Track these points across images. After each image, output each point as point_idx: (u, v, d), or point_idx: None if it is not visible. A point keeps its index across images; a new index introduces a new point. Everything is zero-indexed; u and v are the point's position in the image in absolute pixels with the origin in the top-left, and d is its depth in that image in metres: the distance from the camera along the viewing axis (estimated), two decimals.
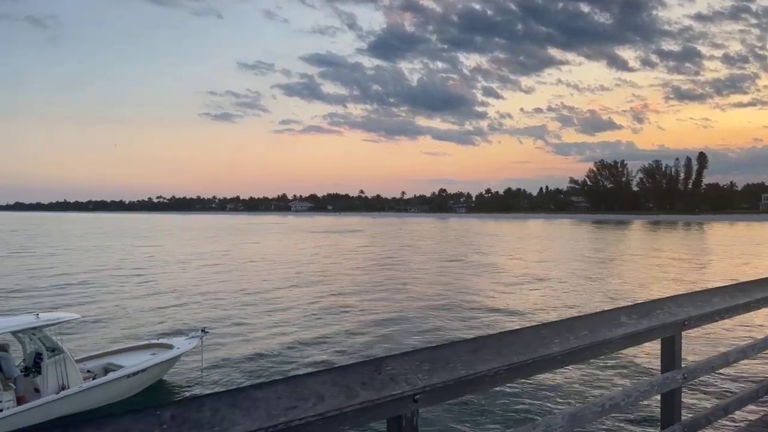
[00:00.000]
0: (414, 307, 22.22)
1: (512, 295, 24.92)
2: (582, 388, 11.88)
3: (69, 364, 11.00)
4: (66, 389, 10.78)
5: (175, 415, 1.21)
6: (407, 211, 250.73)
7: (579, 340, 2.13)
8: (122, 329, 18.52)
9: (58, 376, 10.82)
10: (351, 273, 34.30)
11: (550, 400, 11.19)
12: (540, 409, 10.80)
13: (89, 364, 12.31)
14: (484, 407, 10.76)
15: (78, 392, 10.81)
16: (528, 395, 11.37)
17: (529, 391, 11.53)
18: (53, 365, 10.83)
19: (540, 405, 10.97)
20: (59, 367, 10.87)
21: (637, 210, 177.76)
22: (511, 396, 11.20)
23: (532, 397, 11.29)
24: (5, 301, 24.12)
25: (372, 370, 1.58)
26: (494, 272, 33.84)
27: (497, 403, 10.93)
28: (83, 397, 10.88)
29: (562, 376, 12.26)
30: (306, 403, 1.38)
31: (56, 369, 10.84)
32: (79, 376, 11.20)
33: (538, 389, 11.64)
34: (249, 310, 21.74)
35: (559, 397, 11.34)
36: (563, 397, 11.41)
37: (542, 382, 11.81)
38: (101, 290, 27.15)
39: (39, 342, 10.98)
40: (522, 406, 10.92)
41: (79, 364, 11.86)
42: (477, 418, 10.48)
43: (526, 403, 11.06)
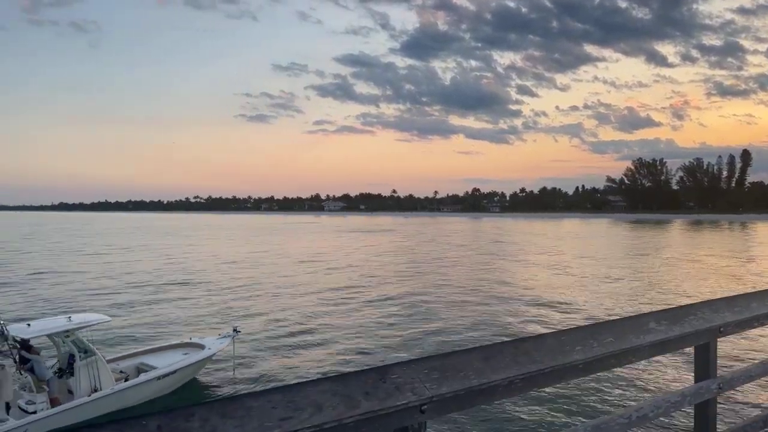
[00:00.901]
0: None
1: (566, 295, 24.49)
2: (607, 398, 11.48)
3: (101, 366, 11.16)
4: (98, 391, 10.93)
5: (162, 426, 1.15)
6: (440, 211, 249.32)
7: (603, 347, 2.01)
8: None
9: (90, 377, 10.98)
10: (404, 273, 34.26)
11: (571, 411, 10.80)
12: (561, 420, 10.45)
13: (122, 364, 12.48)
14: (499, 418, 10.44)
15: (109, 394, 10.94)
16: (548, 405, 11.00)
17: (549, 400, 11.16)
18: (85, 367, 10.99)
19: (561, 416, 10.60)
20: (91, 369, 11.03)
21: (677, 209, 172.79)
22: (529, 406, 10.84)
23: (552, 408, 10.91)
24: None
25: (376, 378, 1.50)
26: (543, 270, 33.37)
27: (513, 414, 10.59)
28: (114, 398, 11.00)
29: (586, 385, 11.85)
30: (302, 413, 1.30)
31: (88, 371, 11.00)
32: (111, 377, 11.35)
33: (559, 399, 11.26)
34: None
35: (582, 408, 10.95)
36: (586, 407, 11.00)
37: (563, 391, 11.44)
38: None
39: (71, 344, 11.14)
40: (541, 416, 10.56)
41: (112, 364, 12.05)
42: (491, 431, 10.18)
43: (546, 413, 10.69)
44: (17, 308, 22.23)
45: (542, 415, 10.61)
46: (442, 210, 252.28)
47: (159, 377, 11.78)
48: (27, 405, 10.45)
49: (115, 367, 12.08)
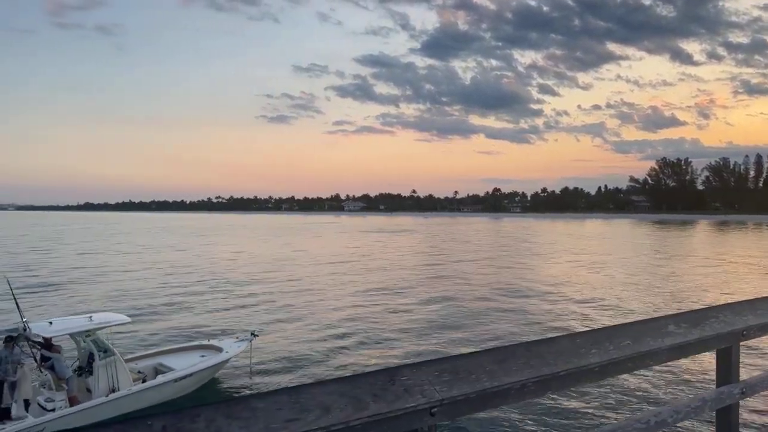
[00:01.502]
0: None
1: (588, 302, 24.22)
2: (624, 402, 11.26)
3: (119, 366, 11.26)
4: (116, 391, 11.03)
5: (167, 426, 1.14)
6: (460, 211, 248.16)
7: (620, 350, 1.96)
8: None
9: (108, 377, 11.09)
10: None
11: (588, 415, 10.64)
12: (577, 424, 10.30)
13: (140, 364, 12.59)
14: (512, 422, 10.33)
15: (126, 395, 11.03)
16: (563, 409, 10.86)
17: (564, 404, 11.02)
18: (104, 367, 11.10)
19: (577, 420, 10.44)
20: (110, 369, 11.14)
21: (702, 210, 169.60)
22: (543, 410, 10.70)
23: (568, 412, 10.77)
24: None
25: (385, 380, 1.47)
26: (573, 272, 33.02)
27: (527, 418, 10.46)
28: (132, 399, 11.08)
29: (602, 388, 11.65)
30: (309, 415, 1.28)
31: (107, 370, 11.11)
32: (129, 377, 11.44)
33: (574, 402, 11.11)
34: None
35: (599, 412, 10.77)
36: (602, 411, 10.82)
37: (579, 394, 11.27)
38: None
39: (91, 343, 11.28)
40: (556, 420, 10.43)
41: (131, 364, 12.16)
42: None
43: (561, 417, 10.55)
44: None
45: (557, 419, 10.48)
46: (462, 210, 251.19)
47: (176, 379, 11.86)
48: (46, 402, 10.61)
49: (134, 367, 12.19)
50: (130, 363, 12.10)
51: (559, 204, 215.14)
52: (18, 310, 11.40)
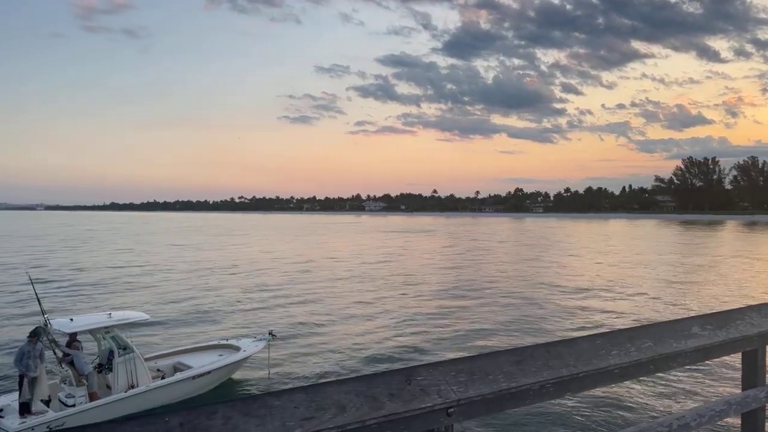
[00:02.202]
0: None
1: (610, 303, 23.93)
2: (645, 405, 11.05)
3: (138, 363, 11.37)
4: (135, 387, 11.16)
5: (184, 423, 1.16)
6: (481, 211, 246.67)
7: (641, 352, 1.93)
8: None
9: (128, 374, 11.21)
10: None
11: (608, 418, 10.47)
12: (597, 427, 10.15)
13: (160, 363, 12.71)
14: (532, 423, 10.22)
15: (145, 391, 11.14)
16: (583, 411, 10.70)
17: (583, 406, 10.86)
18: (123, 364, 11.22)
19: (597, 423, 10.28)
20: (129, 366, 11.25)
21: (730, 209, 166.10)
22: (562, 412, 10.56)
23: (588, 414, 10.60)
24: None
25: (401, 380, 1.47)
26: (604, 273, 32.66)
27: (546, 419, 10.33)
28: (150, 396, 11.19)
29: (623, 390, 11.46)
30: (325, 414, 1.29)
31: (126, 367, 11.23)
32: (148, 375, 11.55)
33: (595, 404, 10.94)
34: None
35: (619, 415, 10.59)
36: (623, 414, 10.63)
37: (599, 396, 11.09)
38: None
39: (111, 340, 11.42)
40: (576, 422, 10.28)
41: (151, 362, 12.27)
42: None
43: (581, 419, 10.40)
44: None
45: (576, 422, 10.35)
46: (483, 210, 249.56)
47: (194, 377, 11.96)
48: (66, 398, 10.77)
49: (153, 365, 12.30)
50: (149, 361, 12.22)
51: (582, 204, 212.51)
52: (39, 306, 11.58)
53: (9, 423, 9.79)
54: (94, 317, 12.00)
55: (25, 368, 10.21)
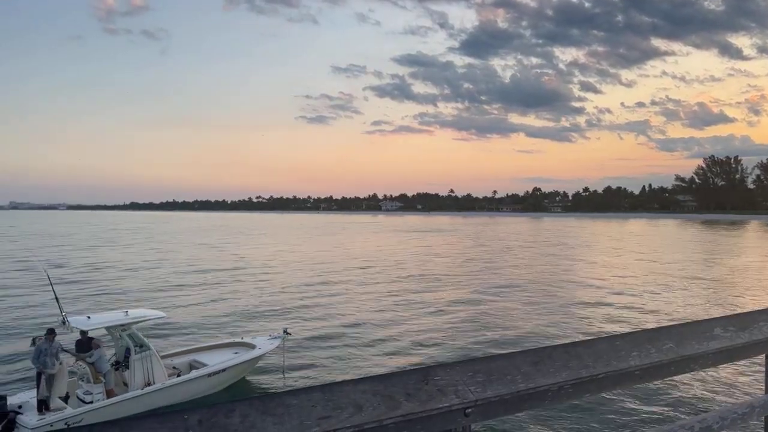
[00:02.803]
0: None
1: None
2: (667, 407, 10.90)
3: (155, 361, 11.49)
4: (151, 385, 11.28)
5: (203, 420, 1.16)
6: (499, 211, 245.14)
7: (662, 353, 1.89)
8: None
9: (144, 371, 11.34)
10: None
11: (629, 420, 10.34)
12: (617, 429, 10.02)
13: (176, 360, 12.83)
14: (551, 424, 10.15)
15: (161, 389, 11.27)
16: (603, 412, 10.61)
17: (604, 407, 10.75)
18: (140, 361, 11.35)
19: (618, 425, 10.16)
20: (145, 363, 11.38)
21: (753, 209, 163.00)
22: (582, 413, 10.49)
23: (608, 415, 10.51)
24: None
25: (418, 379, 1.46)
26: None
27: (567, 420, 10.27)
28: (166, 393, 11.31)
29: (644, 393, 11.30)
30: (342, 413, 1.28)
31: (143, 365, 11.36)
32: (164, 372, 11.67)
33: (616, 405, 10.81)
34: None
35: (640, 417, 10.46)
36: (644, 416, 10.52)
37: (620, 398, 10.96)
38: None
39: (128, 338, 11.54)
40: (596, 424, 10.20)
41: (167, 360, 12.38)
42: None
43: (601, 420, 10.31)
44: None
45: (596, 424, 10.24)
46: (501, 210, 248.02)
47: (209, 375, 12.04)
48: (84, 395, 10.93)
49: (169, 363, 12.41)
50: (165, 359, 12.32)
51: (601, 204, 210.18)
52: (57, 304, 11.72)
53: (28, 419, 9.93)
54: (111, 315, 12.13)
55: (42, 365, 10.36)
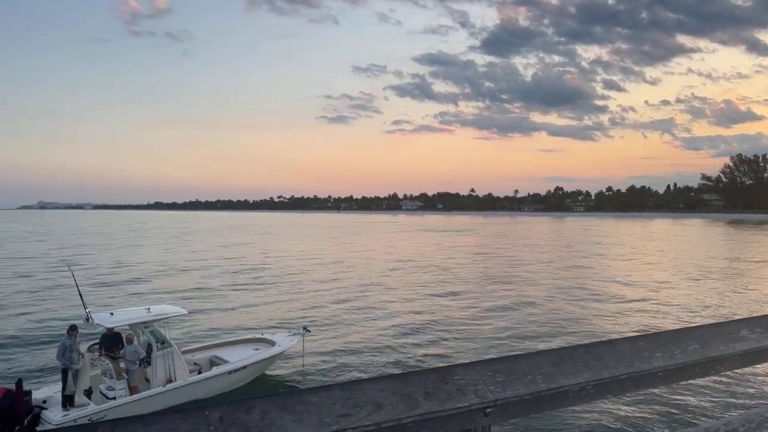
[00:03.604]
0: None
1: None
2: (690, 409, 10.72)
3: (176, 358, 11.62)
4: (173, 381, 11.41)
5: (224, 417, 1.18)
6: (520, 210, 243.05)
7: (686, 355, 1.86)
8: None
9: (166, 368, 11.46)
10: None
11: (653, 420, 10.18)
12: (641, 430, 9.88)
13: (197, 356, 12.98)
14: (571, 424, 10.05)
15: (182, 386, 11.39)
16: (625, 413, 10.47)
17: (626, 408, 10.60)
18: (162, 358, 11.48)
19: (641, 426, 10.01)
20: (167, 360, 11.51)
21: None
22: (603, 413, 10.37)
23: (630, 416, 10.37)
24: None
25: (438, 379, 1.46)
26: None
27: (586, 422, 10.15)
28: (187, 389, 11.43)
29: (668, 394, 11.12)
30: (361, 411, 1.29)
31: (164, 361, 11.48)
32: (186, 369, 11.78)
33: (638, 406, 10.66)
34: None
35: (664, 418, 10.29)
36: (668, 417, 10.36)
37: (642, 400, 10.80)
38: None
39: (150, 335, 11.69)
40: (617, 425, 10.07)
41: (187, 356, 12.52)
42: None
43: (622, 421, 10.18)
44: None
45: (620, 424, 10.11)
46: (522, 209, 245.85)
47: (230, 371, 12.15)
48: (107, 390, 11.09)
49: (190, 359, 12.55)
50: (186, 355, 12.45)
51: (625, 203, 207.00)
52: (81, 301, 11.89)
53: (52, 415, 10.07)
54: (134, 312, 12.28)
55: (68, 362, 10.51)
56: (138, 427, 1.09)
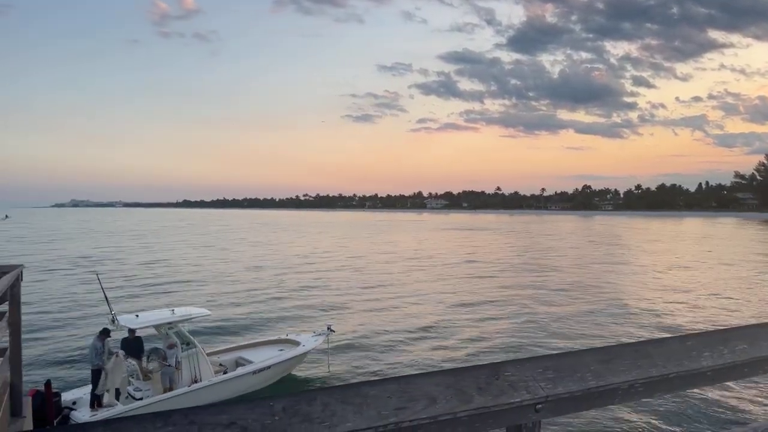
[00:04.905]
0: None
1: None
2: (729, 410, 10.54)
3: (201, 358, 11.75)
4: (198, 382, 11.54)
5: (287, 407, 1.22)
6: (547, 209, 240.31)
7: (734, 354, 1.84)
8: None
9: (191, 368, 11.60)
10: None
11: (698, 419, 10.03)
12: (689, 426, 9.75)
13: (222, 357, 13.10)
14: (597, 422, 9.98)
15: (208, 386, 11.49)
16: (669, 411, 10.36)
17: (670, 406, 10.46)
18: (186, 359, 11.62)
19: (688, 424, 9.87)
20: (192, 361, 11.65)
21: None
22: (647, 411, 10.28)
23: (672, 414, 10.26)
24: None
25: (489, 374, 1.48)
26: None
27: (629, 418, 10.07)
28: (212, 390, 11.51)
29: (715, 393, 10.93)
30: (417, 404, 1.32)
31: (189, 362, 11.63)
32: (211, 369, 11.90)
33: (687, 404, 10.51)
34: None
35: (713, 416, 10.15)
36: (717, 415, 10.22)
37: (691, 398, 10.63)
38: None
39: (174, 336, 11.82)
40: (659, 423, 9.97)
41: (213, 357, 12.63)
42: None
43: (666, 419, 10.10)
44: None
45: (661, 421, 10.01)
46: (549, 208, 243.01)
47: (255, 371, 12.21)
48: (134, 391, 11.28)
49: (215, 360, 12.67)
50: (212, 356, 12.56)
51: (655, 202, 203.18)
52: (107, 303, 12.05)
53: (81, 416, 10.22)
54: (159, 313, 12.41)
55: (98, 363, 10.73)
56: (209, 416, 1.14)
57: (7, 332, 5.42)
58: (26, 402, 6.83)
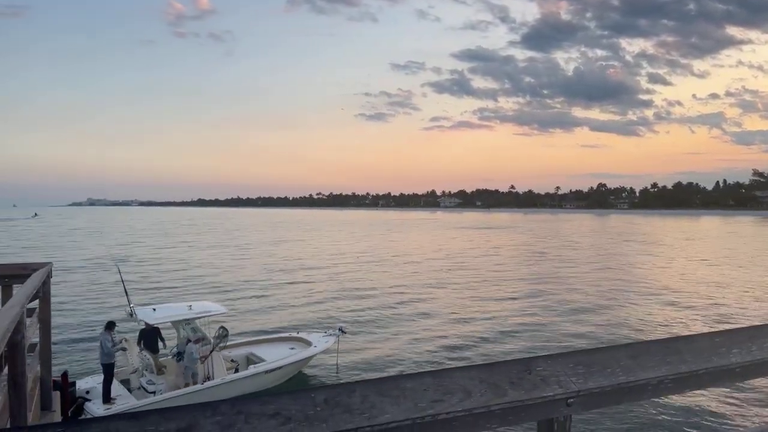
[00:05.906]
0: None
1: None
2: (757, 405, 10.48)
3: (214, 356, 11.72)
4: (211, 378, 11.54)
5: (328, 399, 1.26)
6: (561, 207, 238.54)
7: (764, 351, 1.85)
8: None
9: (204, 365, 11.58)
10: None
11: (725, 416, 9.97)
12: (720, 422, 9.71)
13: (234, 352, 13.10)
14: (643, 415, 10.00)
15: (220, 384, 11.46)
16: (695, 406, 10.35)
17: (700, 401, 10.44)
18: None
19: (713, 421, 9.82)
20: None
21: None
22: (673, 406, 10.31)
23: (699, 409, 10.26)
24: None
25: (522, 369, 1.51)
26: None
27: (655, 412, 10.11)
28: (225, 388, 11.47)
29: (744, 391, 10.85)
30: (452, 397, 1.36)
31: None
32: (224, 366, 11.90)
33: (712, 401, 10.46)
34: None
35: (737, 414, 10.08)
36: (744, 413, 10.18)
37: (717, 394, 10.58)
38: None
39: (190, 331, 11.87)
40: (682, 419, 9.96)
41: (225, 351, 12.58)
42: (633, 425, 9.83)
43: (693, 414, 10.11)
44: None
45: (689, 416, 10.01)
46: (563, 206, 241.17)
47: (267, 371, 12.21)
48: (148, 385, 11.29)
49: (227, 354, 12.67)
50: (223, 351, 12.51)
51: (671, 200, 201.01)
52: (126, 297, 12.12)
53: (95, 409, 10.26)
54: (176, 309, 12.41)
55: (108, 357, 10.75)
56: (255, 406, 1.19)
57: (38, 328, 5.53)
58: (55, 396, 6.97)
